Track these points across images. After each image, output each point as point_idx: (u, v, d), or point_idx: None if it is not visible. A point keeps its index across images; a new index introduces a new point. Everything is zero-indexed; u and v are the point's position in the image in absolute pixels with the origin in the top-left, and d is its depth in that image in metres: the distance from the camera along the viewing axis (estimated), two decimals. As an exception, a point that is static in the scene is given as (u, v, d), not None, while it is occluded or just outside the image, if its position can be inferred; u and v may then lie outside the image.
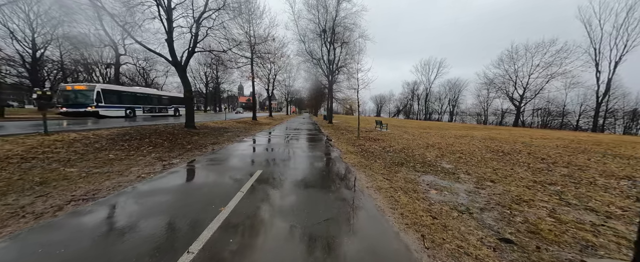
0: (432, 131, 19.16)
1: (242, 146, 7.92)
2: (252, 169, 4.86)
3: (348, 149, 8.03)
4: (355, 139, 11.05)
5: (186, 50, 10.70)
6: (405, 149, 8.40)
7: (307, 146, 8.73)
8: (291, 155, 6.53)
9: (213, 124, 15.02)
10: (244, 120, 21.32)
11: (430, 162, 6.34)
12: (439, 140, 11.91)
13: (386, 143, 9.99)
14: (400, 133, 15.78)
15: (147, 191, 3.45)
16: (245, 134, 11.64)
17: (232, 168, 4.91)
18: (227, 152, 6.76)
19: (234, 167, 4.98)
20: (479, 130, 21.89)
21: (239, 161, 5.63)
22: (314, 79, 35.32)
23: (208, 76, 48.71)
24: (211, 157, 5.97)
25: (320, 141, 10.57)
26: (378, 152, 7.67)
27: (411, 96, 76.06)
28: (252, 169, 4.78)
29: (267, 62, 24.59)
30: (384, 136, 13.39)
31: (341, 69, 24.12)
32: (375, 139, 11.51)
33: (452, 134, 15.58)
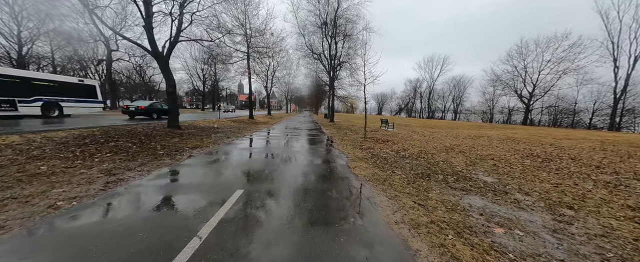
0: (441, 130, 17.79)
1: (228, 151, 6.58)
2: (229, 188, 3.51)
3: (356, 154, 6.68)
4: (362, 141, 9.70)
5: (168, 40, 9.33)
6: (424, 154, 7.04)
7: (307, 150, 7.38)
8: (286, 164, 5.19)
9: (204, 123, 13.68)
10: (240, 119, 19.97)
11: (462, 173, 4.99)
12: (456, 141, 10.56)
13: (398, 145, 8.63)
14: (409, 133, 14.42)
15: (35, 239, 2.11)
16: (236, 135, 10.30)
17: (202, 187, 3.57)
18: (206, 159, 5.42)
19: (204, 186, 3.63)
20: (491, 129, 20.50)
21: (216, 175, 4.28)
22: (314, 76, 33.92)
23: (205, 73, 47.30)
24: (182, 168, 4.62)
25: (321, 143, 9.23)
26: (392, 158, 6.32)
27: (413, 94, 74.58)
28: (229, 190, 3.43)
29: (265, 57, 23.19)
30: (392, 136, 12.03)
31: (343, 65, 22.71)
32: (384, 140, 10.16)
33: (465, 134, 14.20)
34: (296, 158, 5.82)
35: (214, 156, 5.79)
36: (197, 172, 4.44)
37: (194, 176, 4.20)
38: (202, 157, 5.56)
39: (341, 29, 20.19)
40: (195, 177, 4.13)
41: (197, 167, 4.70)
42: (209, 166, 4.89)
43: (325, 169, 4.93)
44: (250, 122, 18.42)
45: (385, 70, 9.02)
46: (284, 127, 16.30)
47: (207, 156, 5.71)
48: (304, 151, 7.01)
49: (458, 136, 13.42)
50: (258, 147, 7.62)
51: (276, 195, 3.33)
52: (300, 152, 6.85)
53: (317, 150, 7.44)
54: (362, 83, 9.56)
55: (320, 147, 7.98)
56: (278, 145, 8.07)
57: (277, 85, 43.84)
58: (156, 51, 9.00)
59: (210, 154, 6.00)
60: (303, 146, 7.96)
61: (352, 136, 11.79)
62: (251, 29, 19.22)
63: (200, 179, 4.04)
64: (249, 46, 19.82)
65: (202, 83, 47.71)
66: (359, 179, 4.31)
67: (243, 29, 18.91)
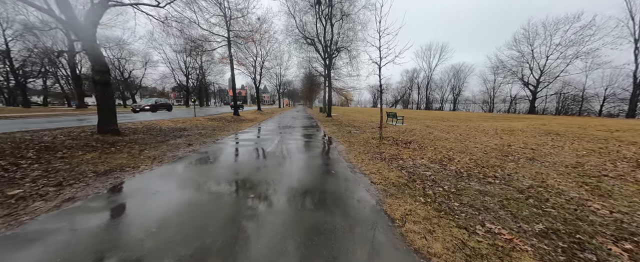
0: (456, 122, 15.36)
1: (167, 175, 3.86)
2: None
3: (383, 174, 4.05)
4: (376, 144, 7.07)
5: (91, 2, 6.31)
6: (487, 168, 4.48)
7: (302, 166, 4.70)
8: (263, 210, 2.55)
9: (169, 123, 10.75)
10: (222, 116, 17.01)
11: (590, 218, 2.44)
12: (494, 139, 8.07)
13: (431, 151, 6.04)
14: (424, 128, 11.90)
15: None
16: (205, 140, 7.50)
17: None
18: (107, 202, 2.71)
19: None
20: (506, 120, 18.22)
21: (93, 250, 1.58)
22: (308, 66, 30.87)
23: (188, 66, 43.43)
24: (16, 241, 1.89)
25: (322, 149, 6.55)
26: (448, 183, 3.70)
27: (410, 85, 72.32)
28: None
29: (250, 43, 20.06)
30: (410, 134, 9.46)
31: (341, 51, 19.83)
32: (405, 141, 7.57)
33: (490, 128, 11.75)
34: (282, 189, 3.16)
35: (131, 192, 3.05)
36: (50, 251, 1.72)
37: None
38: (99, 201, 2.81)
39: (338, 7, 17.21)
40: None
41: (61, 234, 1.97)
42: (102, 219, 2.17)
43: (342, 229, 2.27)
44: (234, 120, 15.52)
45: (410, 43, 6.33)
46: (273, 125, 13.50)
47: (109, 198, 2.96)
48: (298, 170, 4.33)
49: (486, 130, 10.98)
50: (228, 160, 4.89)
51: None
52: (290, 172, 4.16)
53: (319, 166, 4.76)
54: (376, 63, 6.83)
55: (321, 159, 5.30)
56: (257, 158, 5.35)
57: (268, 78, 40.59)
58: (70, 14, 5.97)
59: (127, 185, 3.26)
60: (296, 159, 5.26)
61: (360, 135, 9.14)
62: (230, 8, 16.03)
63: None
64: (229, 29, 16.68)
65: (186, 77, 43.87)
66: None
67: (222, 8, 15.70)
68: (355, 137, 8.74)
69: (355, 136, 8.93)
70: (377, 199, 2.99)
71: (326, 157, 5.42)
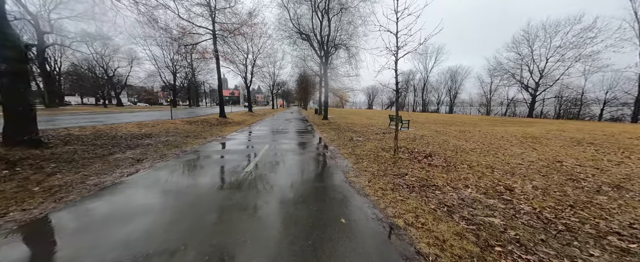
0: (464, 127, 13.99)
1: (47, 230, 2.14)
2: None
3: (434, 234, 2.42)
4: (391, 158, 5.47)
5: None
6: (574, 207, 2.92)
7: (291, 205, 3.02)
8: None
9: (134, 128, 8.87)
10: (206, 118, 15.14)
11: None
12: (528, 150, 6.61)
13: (468, 172, 4.47)
14: (432, 134, 10.43)
15: None
16: (168, 152, 5.74)
17: None
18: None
19: None
20: (515, 124, 17.03)
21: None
22: (302, 65, 29.23)
23: (176, 64, 41.04)
24: None
25: (320, 166, 4.89)
26: (543, 246, 2.13)
27: (406, 87, 71.62)
28: None
29: (239, 38, 18.23)
30: (422, 143, 7.91)
31: (339, 48, 18.27)
32: (422, 154, 5.99)
33: (508, 135, 10.37)
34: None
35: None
36: None
37: None
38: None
39: (336, 0, 15.65)
40: None
41: None
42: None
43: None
44: (218, 123, 13.68)
45: (440, 28, 4.77)
46: (262, 130, 11.77)
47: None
48: (283, 215, 2.65)
49: (506, 138, 9.57)
50: (169, 200, 3.15)
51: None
52: (271, 224, 2.48)
53: (316, 203, 3.09)
54: (392, 53, 5.24)
55: (321, 191, 3.64)
56: (219, 190, 3.63)
57: (261, 78, 38.68)
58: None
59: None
60: (281, 187, 3.57)
61: (365, 145, 7.53)
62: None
63: None
64: (214, 21, 14.86)
65: (173, 75, 41.37)
66: None
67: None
68: (360, 147, 7.11)
69: (360, 146, 7.31)
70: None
71: (328, 184, 3.75)
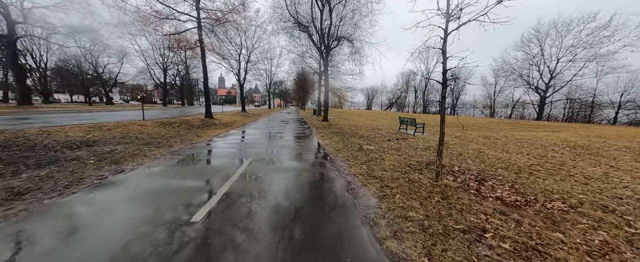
0: (487, 132, 12.15)
1: None
2: None
3: None
4: (433, 187, 3.54)
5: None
6: None
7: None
8: None
9: (79, 132, 6.85)
10: (187, 119, 13.12)
11: None
12: (607, 169, 4.76)
13: (576, 218, 2.60)
14: (458, 142, 8.57)
15: None
16: (95, 170, 3.81)
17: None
18: None
19: None
20: (541, 128, 15.24)
21: None
22: (301, 62, 27.30)
23: (166, 59, 38.81)
24: None
25: (329, 211, 2.98)
26: None
27: (406, 87, 70.12)
28: None
29: (230, 30, 16.23)
30: (456, 157, 6.03)
31: (341, 42, 16.37)
32: (476, 178, 4.10)
33: (549, 143, 8.53)
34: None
35: None
36: None
37: None
38: None
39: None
40: None
41: None
42: None
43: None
44: (201, 125, 11.68)
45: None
46: (251, 134, 9.82)
47: None
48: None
49: (547, 146, 7.73)
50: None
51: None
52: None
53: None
54: (439, 25, 3.34)
55: None
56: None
57: (257, 76, 36.57)
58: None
59: None
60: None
61: (382, 158, 5.61)
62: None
63: None
64: (199, 7, 12.88)
65: (163, 72, 39.08)
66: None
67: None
68: (377, 162, 5.20)
69: (376, 160, 5.40)
70: None
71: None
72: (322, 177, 4.05)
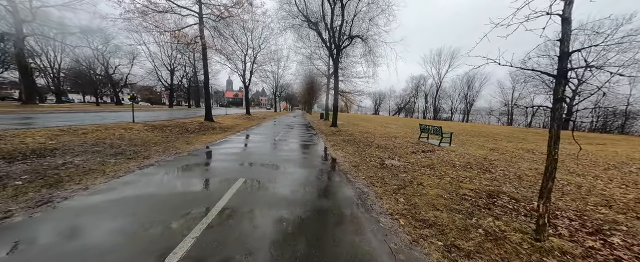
0: (524, 144, 10.42)
1: None
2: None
3: None
4: (539, 255, 2.09)
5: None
6: None
7: None
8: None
9: (41, 138, 5.68)
10: (184, 122, 12.00)
11: None
12: None
13: None
14: (508, 159, 6.98)
15: None
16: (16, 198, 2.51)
17: None
18: None
19: None
20: (584, 139, 13.34)
21: None
22: (308, 64, 26.16)
23: (173, 61, 38.59)
24: None
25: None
26: None
27: (415, 92, 68.10)
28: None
29: (235, 27, 15.22)
30: (531, 185, 4.48)
31: (355, 41, 15.07)
32: (592, 231, 2.59)
33: (611, 160, 6.82)
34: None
35: None
36: None
37: None
38: None
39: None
40: None
41: None
42: None
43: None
44: (199, 129, 10.49)
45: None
46: (251, 141, 8.53)
47: None
48: None
49: (623, 168, 6.06)
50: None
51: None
52: None
53: None
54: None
55: None
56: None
57: (263, 78, 35.66)
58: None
59: None
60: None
61: (420, 183, 4.14)
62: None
63: None
64: (201, 2, 11.87)
65: (170, 73, 38.79)
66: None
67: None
68: (416, 190, 3.75)
69: (414, 187, 3.94)
70: None
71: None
72: (343, 220, 2.63)
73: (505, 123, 42.06)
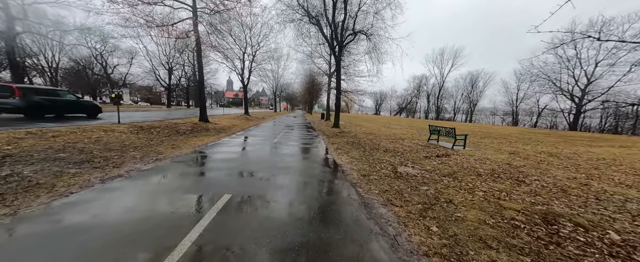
0: (544, 147, 9.58)
1: None
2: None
3: None
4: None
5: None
6: None
7: None
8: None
9: (9, 144, 4.89)
10: (177, 123, 11.23)
11: None
12: None
13: None
14: (532, 165, 6.17)
15: None
16: None
17: None
18: None
19: None
20: (612, 142, 12.42)
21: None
22: (309, 64, 25.39)
23: (171, 60, 37.82)
24: None
25: None
26: None
27: (417, 92, 67.26)
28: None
29: (232, 23, 14.42)
30: (577, 198, 3.66)
31: (359, 37, 14.27)
32: None
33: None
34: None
35: None
36: None
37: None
38: None
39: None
40: None
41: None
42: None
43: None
44: (191, 130, 9.71)
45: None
46: (247, 144, 7.73)
47: None
48: None
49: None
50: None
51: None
52: None
53: None
54: None
55: None
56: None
57: (263, 77, 34.87)
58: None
59: None
60: None
61: (453, 205, 3.32)
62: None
63: None
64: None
65: (168, 72, 37.99)
66: None
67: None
68: (448, 212, 2.94)
69: (444, 207, 3.14)
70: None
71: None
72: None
73: (510, 123, 41.21)
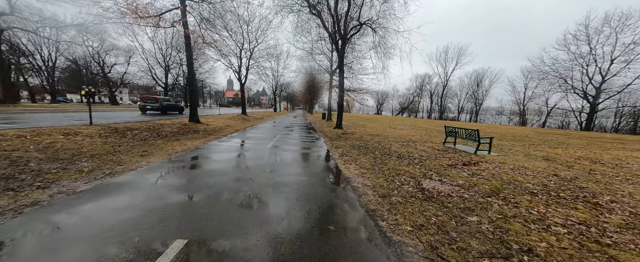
0: (582, 152, 8.37)
1: None
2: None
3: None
4: None
5: None
6: None
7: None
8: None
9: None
10: (162, 123, 10.08)
11: None
12: None
13: None
14: (589, 177, 4.97)
15: None
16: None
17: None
18: None
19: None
20: (629, 145, 11.21)
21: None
22: (309, 61, 24.21)
23: (168, 59, 36.75)
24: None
25: None
26: None
27: (420, 91, 65.92)
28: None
29: (229, 17, 13.25)
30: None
31: (364, 30, 13.09)
32: None
33: None
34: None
35: None
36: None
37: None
38: None
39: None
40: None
41: None
42: None
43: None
44: (177, 132, 8.57)
45: None
46: (236, 151, 6.59)
47: None
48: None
49: None
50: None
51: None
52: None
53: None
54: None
55: None
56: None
57: (262, 75, 33.72)
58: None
59: None
60: None
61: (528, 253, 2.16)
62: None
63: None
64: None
65: (165, 71, 36.91)
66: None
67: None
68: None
69: (516, 257, 1.97)
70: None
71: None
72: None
73: (518, 123, 39.89)
